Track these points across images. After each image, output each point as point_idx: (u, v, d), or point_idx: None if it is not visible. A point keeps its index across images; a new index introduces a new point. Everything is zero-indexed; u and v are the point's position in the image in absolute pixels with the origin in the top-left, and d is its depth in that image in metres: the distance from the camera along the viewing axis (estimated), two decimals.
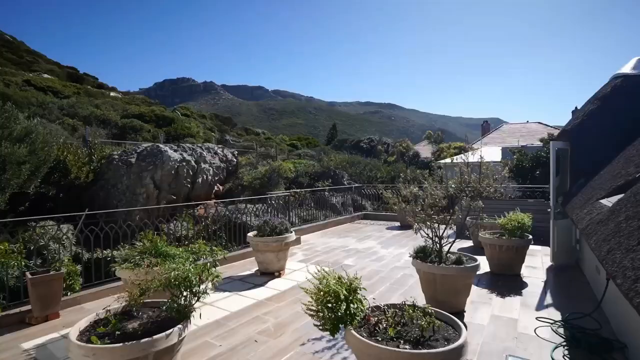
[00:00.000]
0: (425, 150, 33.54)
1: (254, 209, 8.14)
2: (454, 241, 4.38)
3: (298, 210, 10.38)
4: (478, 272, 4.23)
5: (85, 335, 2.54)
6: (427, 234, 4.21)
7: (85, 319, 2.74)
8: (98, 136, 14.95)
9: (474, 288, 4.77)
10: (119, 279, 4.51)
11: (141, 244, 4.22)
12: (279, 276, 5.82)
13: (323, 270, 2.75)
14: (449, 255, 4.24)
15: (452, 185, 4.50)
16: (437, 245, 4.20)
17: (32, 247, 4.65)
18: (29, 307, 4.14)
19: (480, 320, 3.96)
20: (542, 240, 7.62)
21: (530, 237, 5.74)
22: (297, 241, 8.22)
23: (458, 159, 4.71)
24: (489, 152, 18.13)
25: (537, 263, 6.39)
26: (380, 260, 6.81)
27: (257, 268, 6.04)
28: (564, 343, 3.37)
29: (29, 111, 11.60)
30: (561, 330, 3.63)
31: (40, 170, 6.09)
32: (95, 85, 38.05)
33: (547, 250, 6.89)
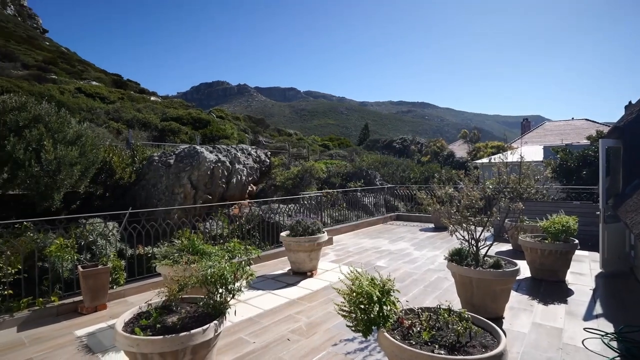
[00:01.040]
0: (460, 150, 32.49)
1: (287, 209, 8.25)
2: (491, 244, 4.22)
3: (330, 211, 10.40)
4: (518, 277, 4.03)
5: (130, 326, 2.70)
6: (463, 236, 4.08)
7: (129, 312, 2.91)
8: (140, 138, 15.82)
9: (513, 293, 4.56)
10: (159, 274, 4.76)
11: (179, 241, 4.42)
12: (311, 276, 5.86)
13: (355, 270, 2.74)
14: (486, 258, 4.08)
15: (490, 186, 4.32)
16: (474, 248, 4.05)
17: (82, 243, 5.00)
18: (80, 297, 4.49)
19: (520, 328, 3.77)
20: (590, 245, 7.13)
21: (576, 241, 5.39)
22: (329, 241, 8.24)
23: (496, 158, 4.52)
24: (530, 151, 17.24)
25: (584, 269, 5.98)
26: (414, 262, 6.67)
27: (290, 267, 6.12)
28: (618, 358, 3.12)
29: (79, 116, 12.48)
30: (614, 344, 3.36)
31: (89, 171, 6.52)
32: (137, 90, 40.28)
33: (595, 256, 6.43)
